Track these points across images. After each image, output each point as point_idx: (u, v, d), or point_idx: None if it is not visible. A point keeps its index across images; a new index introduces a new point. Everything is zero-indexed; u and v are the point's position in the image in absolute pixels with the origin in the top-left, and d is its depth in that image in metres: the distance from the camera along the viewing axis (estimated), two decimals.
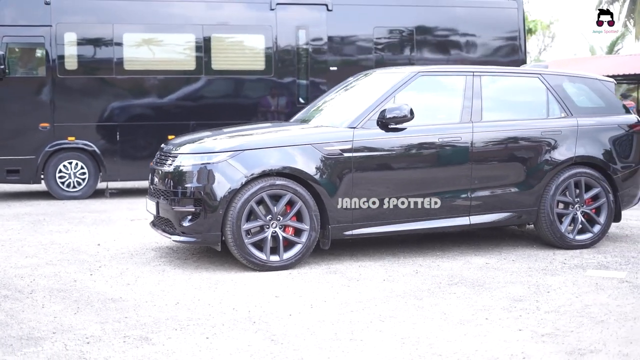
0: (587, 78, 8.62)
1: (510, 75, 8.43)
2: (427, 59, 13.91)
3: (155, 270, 7.26)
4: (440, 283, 6.67)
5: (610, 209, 8.19)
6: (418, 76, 7.84)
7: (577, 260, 7.62)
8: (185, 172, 7.16)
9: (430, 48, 14.09)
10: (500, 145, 7.86)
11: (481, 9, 14.36)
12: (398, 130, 7.49)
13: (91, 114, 12.78)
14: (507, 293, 6.32)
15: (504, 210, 7.89)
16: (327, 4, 13.53)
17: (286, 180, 7.15)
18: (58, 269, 7.30)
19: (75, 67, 12.65)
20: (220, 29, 13.26)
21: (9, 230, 9.64)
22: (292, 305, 5.97)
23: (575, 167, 8.08)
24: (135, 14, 12.90)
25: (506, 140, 7.88)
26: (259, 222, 7.11)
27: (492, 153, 7.83)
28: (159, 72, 13.04)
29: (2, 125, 12.40)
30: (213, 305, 5.96)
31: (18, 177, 12.60)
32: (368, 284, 6.64)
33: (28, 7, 12.48)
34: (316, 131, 7.60)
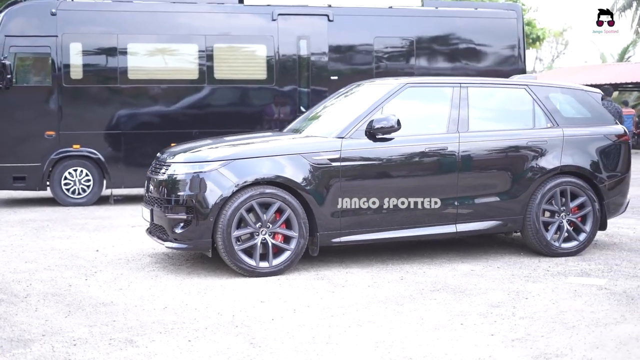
0: (573, 89, 8.80)
1: (497, 86, 8.63)
2: (428, 69, 14.12)
3: (148, 275, 7.48)
4: (423, 289, 6.86)
5: (595, 217, 8.36)
6: (406, 87, 8.05)
7: (561, 267, 7.79)
8: (178, 181, 7.40)
9: (431, 58, 14.30)
10: (486, 154, 8.05)
11: (481, 19, 14.55)
12: (386, 140, 7.69)
13: (96, 123, 13.04)
14: (487, 299, 6.50)
15: (490, 219, 8.08)
16: (328, 14, 13.76)
17: (275, 188, 7.37)
18: (55, 274, 7.54)
19: (80, 76, 12.93)
20: (223, 39, 13.51)
21: (12, 236, 9.90)
22: (276, 310, 6.18)
23: (561, 177, 8.26)
24: (139, 24, 13.17)
25: (492, 150, 8.07)
26: (249, 230, 7.33)
27: (478, 162, 8.02)
28: (163, 82, 13.30)
29: (9, 133, 12.68)
30: (199, 310, 6.18)
31: (24, 184, 12.88)
32: (352, 290, 6.85)
33: (35, 17, 12.77)
34: (305, 141, 7.82)
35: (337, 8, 13.88)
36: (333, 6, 13.90)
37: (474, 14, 14.66)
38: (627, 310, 6.14)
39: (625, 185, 8.71)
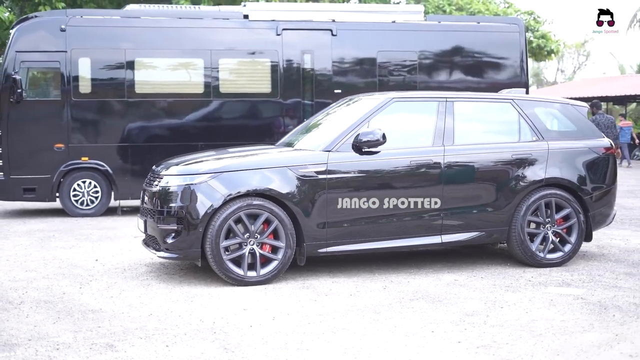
0: (559, 103, 8.99)
1: (483, 100, 8.84)
2: (431, 82, 14.32)
3: (141, 284, 7.75)
4: (403, 298, 7.07)
5: (580, 229, 8.53)
6: (392, 102, 8.28)
7: (544, 277, 7.96)
8: (170, 192, 7.67)
9: (434, 71, 14.51)
10: (471, 167, 8.25)
11: (483, 33, 14.75)
12: (372, 154, 7.92)
13: (104, 136, 13.37)
14: (462, 308, 6.70)
15: (476, 230, 8.27)
16: (331, 29, 14.01)
17: (263, 200, 7.62)
18: (52, 282, 7.82)
19: (89, 90, 13.27)
20: (228, 54, 13.81)
21: (18, 245, 10.22)
22: (256, 317, 6.42)
23: (545, 189, 8.44)
24: (146, 40, 13.50)
25: (477, 162, 8.27)
26: (237, 240, 7.58)
27: (463, 175, 8.23)
28: (169, 95, 13.62)
29: (19, 146, 13.03)
30: (183, 317, 6.43)
31: (34, 195, 13.22)
32: (334, 299, 7.06)
33: (45, 33, 13.13)
34: (292, 154, 8.07)
35: (341, 23, 14.12)
36: (337, 21, 14.14)
37: (477, 28, 14.86)
38: (597, 320, 6.31)
39: (611, 197, 8.87)
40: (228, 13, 14.16)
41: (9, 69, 12.89)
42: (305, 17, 14.18)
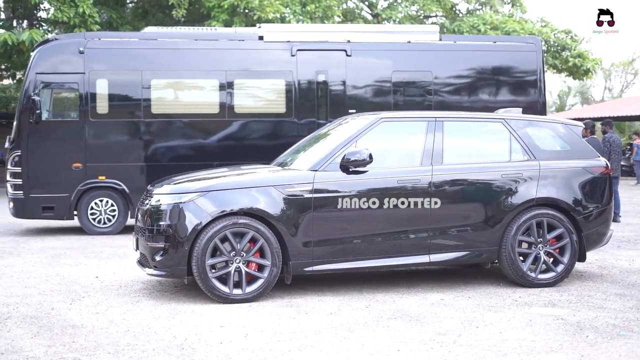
0: (552, 122, 8.96)
1: (474, 120, 8.85)
2: (446, 102, 14.32)
3: (131, 300, 7.90)
4: (382, 317, 7.10)
5: (573, 249, 8.47)
6: (380, 122, 8.35)
7: (532, 298, 7.92)
8: (160, 211, 7.82)
9: (449, 91, 14.52)
10: (459, 187, 8.27)
11: (499, 52, 14.72)
12: (359, 173, 7.99)
13: (121, 155, 13.63)
14: (437, 327, 6.71)
15: (464, 249, 8.27)
16: (346, 49, 14.13)
17: (249, 219, 7.73)
18: (45, 298, 8.01)
19: (106, 111, 13.56)
20: (243, 74, 14.00)
21: (27, 262, 10.47)
22: (229, 334, 6.51)
23: (536, 208, 8.40)
24: (163, 61, 13.76)
25: (465, 182, 8.28)
26: (223, 258, 7.70)
27: (451, 194, 8.24)
28: (185, 116, 13.84)
29: (38, 165, 13.35)
30: (158, 333, 6.55)
31: (53, 214, 13.52)
32: (314, 317, 7.13)
33: (64, 56, 13.47)
34: (279, 174, 8.17)
35: (356, 43, 14.23)
36: (352, 41, 14.24)
37: (493, 47, 14.84)
38: (568, 340, 6.28)
39: (607, 216, 8.79)
40: (243, 34, 14.37)
41: (29, 90, 13.25)
42: (320, 37, 14.30)
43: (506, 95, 14.67)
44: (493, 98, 14.56)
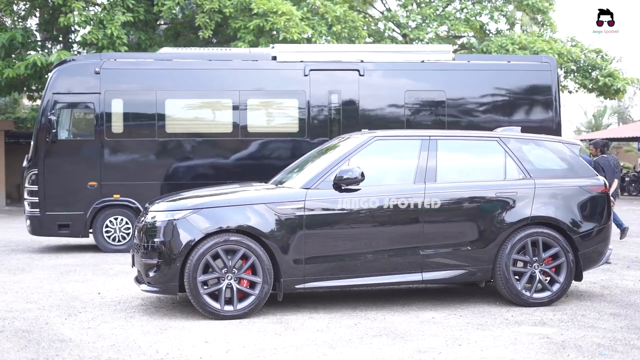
0: (549, 141, 8.94)
1: (469, 139, 8.86)
2: (459, 122, 14.31)
3: (125, 316, 8.01)
4: (367, 334, 7.12)
5: (569, 268, 8.42)
6: (374, 140, 8.41)
7: (525, 316, 7.89)
8: (154, 228, 7.94)
9: (462, 111, 14.50)
10: (452, 205, 8.27)
11: (513, 72, 14.67)
12: (351, 191, 8.04)
13: (135, 174, 13.81)
14: (420, 345, 6.72)
15: (458, 268, 8.26)
16: (359, 69, 14.20)
17: (240, 236, 7.82)
18: (43, 313, 8.16)
19: (121, 130, 13.78)
20: (256, 94, 14.14)
21: (36, 278, 10.65)
22: (211, 350, 6.58)
23: (531, 227, 8.38)
24: (177, 81, 13.95)
25: (458, 200, 8.29)
26: (214, 275, 7.78)
27: (444, 213, 8.25)
28: (198, 135, 14.01)
29: (54, 184, 13.59)
30: (142, 348, 6.64)
31: (68, 231, 13.74)
32: (300, 333, 7.17)
33: (80, 76, 13.74)
34: (272, 192, 8.25)
35: (369, 63, 14.29)
36: (365, 61, 14.32)
37: (507, 67, 14.81)
38: (549, 359, 6.26)
39: (604, 235, 8.73)
40: (257, 54, 14.52)
41: (46, 110, 13.52)
42: (332, 57, 14.40)
43: (520, 114, 14.60)
44: (507, 118, 14.50)
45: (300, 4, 26.52)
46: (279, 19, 23.36)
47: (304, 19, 25.17)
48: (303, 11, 25.59)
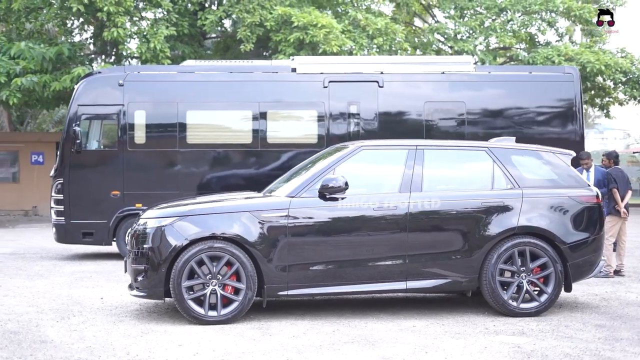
0: (539, 151, 8.91)
1: (456, 148, 8.89)
2: (479, 133, 14.27)
3: (115, 320, 8.24)
4: (339, 341, 7.21)
5: (558, 278, 8.37)
6: (360, 150, 8.51)
7: (507, 326, 7.88)
8: (143, 234, 8.17)
9: (482, 122, 14.45)
10: (437, 214, 8.32)
11: (535, 83, 14.59)
12: (336, 200, 8.15)
13: (157, 183, 14.11)
14: (387, 352, 6.79)
15: (443, 277, 8.30)
16: (378, 80, 14.30)
17: (224, 243, 8.00)
18: (38, 316, 8.44)
19: (143, 141, 14.12)
20: (276, 106, 14.35)
21: (50, 284, 10.98)
22: (181, 353, 6.76)
23: (518, 237, 8.37)
24: (197, 93, 14.25)
25: (443, 210, 8.33)
26: (199, 280, 7.97)
27: (428, 222, 8.30)
28: (219, 146, 14.27)
29: (78, 193, 13.98)
30: (115, 350, 6.85)
31: (92, 239, 14.12)
32: (276, 339, 7.30)
33: (104, 88, 14.13)
34: (257, 200, 8.42)
35: (388, 75, 14.37)
36: (385, 72, 14.40)
37: (529, 78, 14.74)
38: None
39: (596, 246, 8.66)
40: (277, 67, 14.75)
41: (72, 121, 13.93)
42: (353, 69, 14.53)
43: (542, 126, 14.51)
44: (528, 129, 14.41)
45: (342, 17, 26.73)
46: (319, 32, 23.57)
47: (345, 32, 25.35)
48: (344, 24, 25.77)
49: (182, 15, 26.18)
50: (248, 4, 24.68)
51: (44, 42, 25.26)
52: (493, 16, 32.13)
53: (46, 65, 23.89)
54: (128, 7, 23.39)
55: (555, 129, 14.52)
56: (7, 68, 23.27)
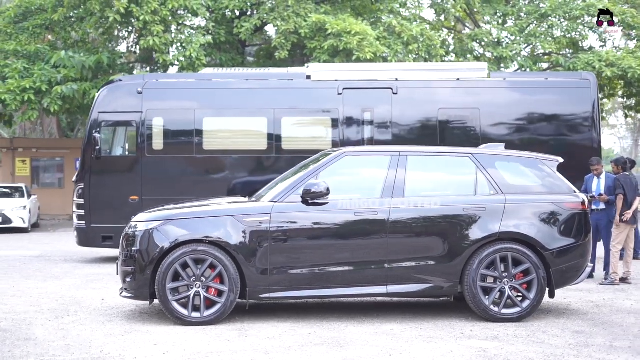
0: (524, 158, 8.94)
1: (440, 155, 8.97)
2: (494, 139, 14.21)
3: (105, 320, 8.52)
4: (310, 343, 7.37)
5: (540, 284, 8.40)
6: (344, 156, 8.67)
7: (485, 331, 7.94)
8: (132, 237, 8.46)
9: (497, 128, 14.44)
10: (418, 220, 8.42)
11: (551, 89, 14.55)
12: (318, 205, 8.32)
13: (174, 189, 14.41)
14: (351, 354, 6.94)
15: (423, 282, 8.39)
16: (392, 87, 14.41)
17: (208, 246, 8.22)
18: (34, 315, 8.78)
19: (161, 147, 14.47)
20: (291, 112, 14.57)
21: (60, 286, 11.34)
22: (153, 351, 7.00)
23: (500, 243, 8.42)
24: (214, 100, 14.56)
25: (425, 215, 8.42)
26: (183, 283, 8.20)
27: (409, 227, 8.41)
28: (234, 152, 14.54)
29: (98, 198, 14.38)
30: (91, 347, 7.13)
31: (112, 243, 14.47)
32: (250, 340, 7.49)
33: (124, 96, 14.54)
34: (241, 205, 8.64)
35: (402, 82, 14.47)
36: (399, 79, 14.50)
37: (544, 84, 14.69)
38: None
39: (580, 253, 8.65)
40: (292, 74, 14.98)
41: (92, 128, 14.34)
42: (367, 76, 14.67)
43: (558, 133, 14.44)
44: (543, 136, 14.37)
45: (377, 24, 26.87)
46: (352, 39, 23.73)
47: (379, 39, 25.48)
48: (380, 31, 25.91)
49: (219, 23, 26.64)
50: (283, 12, 25.03)
51: (89, 51, 25.97)
52: (535, 22, 31.91)
53: (86, 73, 24.53)
54: (164, 17, 23.90)
55: (572, 136, 14.45)
56: (49, 76, 23.97)
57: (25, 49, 25.17)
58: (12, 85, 23.31)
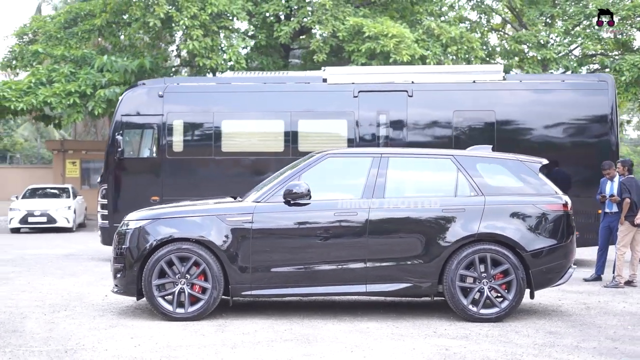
0: (505, 159, 9.01)
1: (421, 156, 9.10)
2: (509, 141, 14.24)
3: (96, 315, 8.88)
4: (281, 339, 7.60)
5: (519, 285, 8.48)
6: (326, 157, 8.88)
7: (458, 331, 8.05)
8: (123, 235, 8.81)
9: (512, 131, 14.46)
10: (397, 220, 8.58)
11: (568, 91, 14.51)
12: (300, 205, 8.54)
13: (194, 190, 14.76)
14: (314, 350, 7.14)
15: (402, 281, 8.54)
16: (407, 90, 14.55)
17: (192, 244, 8.52)
18: (33, 309, 9.19)
19: (181, 149, 14.87)
20: (307, 115, 14.82)
21: (73, 282, 11.78)
22: (125, 344, 7.31)
23: (479, 244, 8.52)
24: (232, 103, 14.91)
25: (404, 215, 8.58)
26: (169, 279, 8.52)
27: (388, 227, 8.57)
28: (252, 154, 14.87)
29: (121, 198, 14.85)
30: (70, 340, 7.48)
31: None
32: (222, 335, 7.76)
33: (145, 99, 14.99)
34: (224, 205, 8.91)
35: (418, 84, 14.60)
36: (415, 82, 14.63)
37: (561, 86, 14.64)
38: None
39: (562, 254, 8.69)
40: (308, 77, 15.23)
41: (115, 130, 14.81)
42: (383, 79, 14.83)
43: (574, 135, 14.39)
44: (560, 138, 14.34)
45: (416, 26, 26.94)
46: (389, 41, 23.87)
47: (418, 41, 25.56)
48: (418, 33, 25.99)
49: (259, 27, 27.04)
50: (321, 16, 25.30)
51: (134, 54, 26.63)
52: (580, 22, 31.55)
53: (128, 77, 25.16)
54: (204, 21, 24.38)
55: (589, 138, 14.38)
56: (94, 80, 24.65)
57: (73, 53, 25.90)
58: (58, 88, 24.06)
